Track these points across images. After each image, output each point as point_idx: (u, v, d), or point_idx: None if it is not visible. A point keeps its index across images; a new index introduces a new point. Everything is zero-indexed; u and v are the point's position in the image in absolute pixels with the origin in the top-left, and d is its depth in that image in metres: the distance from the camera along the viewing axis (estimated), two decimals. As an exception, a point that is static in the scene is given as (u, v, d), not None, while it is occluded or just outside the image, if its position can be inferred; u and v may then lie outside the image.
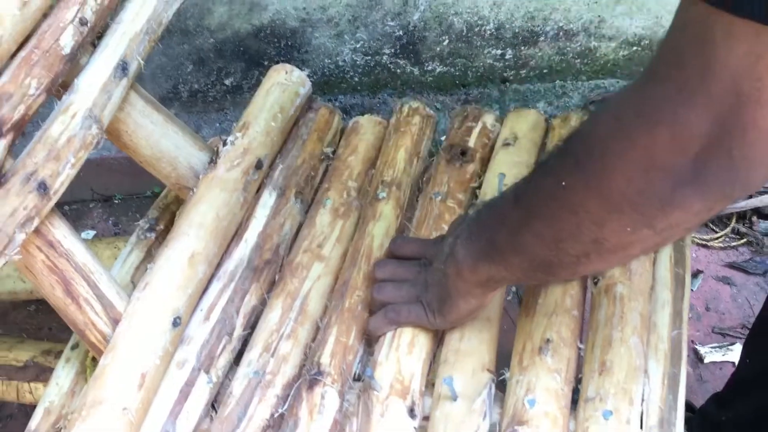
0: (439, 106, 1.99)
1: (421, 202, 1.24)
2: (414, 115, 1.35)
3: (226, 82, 1.96)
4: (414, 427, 1.01)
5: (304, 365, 1.07)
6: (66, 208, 2.00)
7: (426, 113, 1.36)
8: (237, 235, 1.19)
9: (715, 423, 1.39)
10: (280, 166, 1.27)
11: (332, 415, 1.01)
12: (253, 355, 1.08)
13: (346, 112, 1.94)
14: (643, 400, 0.98)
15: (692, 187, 0.65)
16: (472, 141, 1.30)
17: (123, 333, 1.02)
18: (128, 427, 0.96)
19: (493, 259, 0.91)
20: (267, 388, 1.04)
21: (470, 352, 1.05)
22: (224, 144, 1.23)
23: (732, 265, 1.89)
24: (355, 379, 1.07)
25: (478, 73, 1.97)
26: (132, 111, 1.14)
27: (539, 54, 1.93)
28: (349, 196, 1.26)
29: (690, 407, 1.43)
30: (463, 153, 1.28)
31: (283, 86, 1.35)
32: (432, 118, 1.37)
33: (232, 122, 1.75)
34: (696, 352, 1.75)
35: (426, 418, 1.02)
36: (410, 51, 1.93)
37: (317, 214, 1.23)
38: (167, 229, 1.20)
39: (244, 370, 1.07)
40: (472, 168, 1.27)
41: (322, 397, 1.02)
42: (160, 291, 1.07)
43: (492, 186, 1.22)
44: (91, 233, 1.96)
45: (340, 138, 1.37)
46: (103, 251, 1.37)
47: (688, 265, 1.11)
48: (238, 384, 1.05)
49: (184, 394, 1.03)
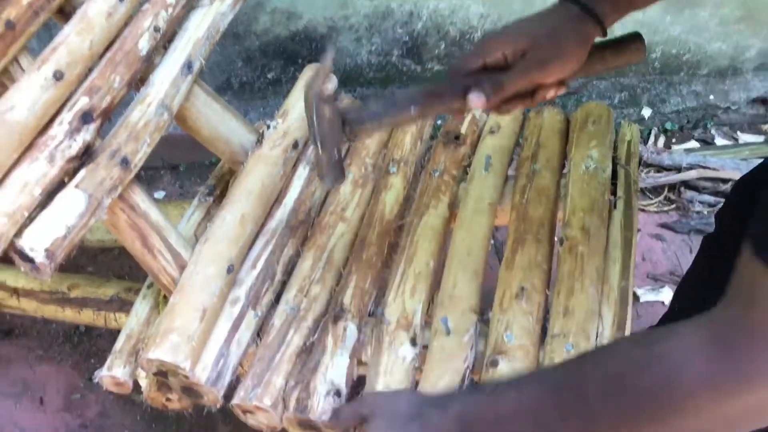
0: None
1: (423, 177, 1.23)
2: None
3: (269, 76, 1.93)
4: (415, 354, 1.00)
5: (330, 304, 1.06)
6: (142, 173, 1.97)
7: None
8: (277, 200, 1.16)
9: None
10: (312, 146, 1.24)
11: (352, 344, 1.01)
12: (290, 295, 1.07)
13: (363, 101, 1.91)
14: (597, 336, 0.97)
15: None
16: (464, 128, 1.28)
17: (188, 277, 1.01)
18: (192, 351, 0.95)
19: None
20: (301, 322, 1.03)
21: (461, 297, 1.04)
22: (268, 128, 1.20)
23: (663, 225, 1.87)
24: (370, 315, 1.06)
25: (468, 72, 1.93)
26: (195, 101, 1.11)
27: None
28: (366, 171, 1.23)
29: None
30: (457, 138, 1.26)
31: (314, 81, 1.31)
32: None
33: (273, 108, 1.73)
34: (634, 294, 1.74)
35: (425, 347, 1.01)
36: (414, 53, 1.89)
37: (341, 184, 1.21)
38: (222, 195, 1.18)
39: (283, 307, 1.06)
40: (463, 150, 1.25)
41: (344, 329, 1.01)
42: (218, 244, 1.05)
43: (480, 163, 1.20)
44: (162, 194, 1.94)
45: (359, 124, 1.33)
46: (172, 211, 1.35)
47: (635, 229, 1.09)
48: (279, 318, 1.04)
49: (236, 326, 1.01)
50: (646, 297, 1.73)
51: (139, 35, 0.99)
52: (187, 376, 0.94)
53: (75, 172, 0.91)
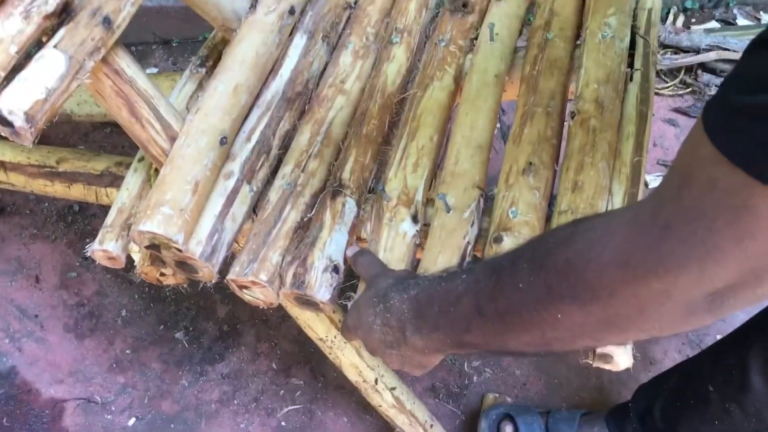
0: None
1: (428, 47, 1.17)
2: (424, -29, 1.25)
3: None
4: (416, 231, 0.98)
5: (328, 179, 1.03)
6: (132, 49, 1.91)
7: (434, -30, 1.26)
8: (273, 70, 1.12)
9: None
10: (310, 13, 1.18)
11: (351, 220, 0.99)
12: (286, 170, 1.04)
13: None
14: (606, 213, 0.94)
15: (707, 314, 0.54)
16: (472, -5, 1.20)
17: (179, 148, 0.97)
18: (185, 224, 0.93)
19: (461, 347, 0.73)
20: (298, 197, 1.01)
21: (462, 174, 1.01)
22: (262, -9, 1.13)
23: (677, 110, 1.82)
24: (370, 192, 1.04)
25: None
26: (183, -41, 1.04)
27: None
28: (367, 41, 1.17)
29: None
30: (465, 5, 1.19)
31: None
32: (439, -25, 1.27)
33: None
34: (643, 180, 1.71)
35: (427, 225, 1.00)
36: None
37: (341, 55, 1.16)
38: (215, 66, 1.12)
39: (279, 182, 1.03)
40: (471, 19, 1.18)
41: (343, 205, 0.99)
42: (210, 115, 1.01)
43: (485, 34, 1.14)
44: (154, 70, 1.88)
45: (360, -10, 1.26)
46: (163, 82, 1.31)
47: (651, 104, 1.04)
48: (274, 193, 1.02)
49: (230, 200, 0.99)
50: (655, 183, 1.71)
51: None
52: (180, 250, 0.93)
53: (54, 31, 0.86)
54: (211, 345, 1.50)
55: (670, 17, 1.99)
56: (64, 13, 0.86)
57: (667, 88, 1.84)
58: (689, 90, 1.84)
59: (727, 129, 0.47)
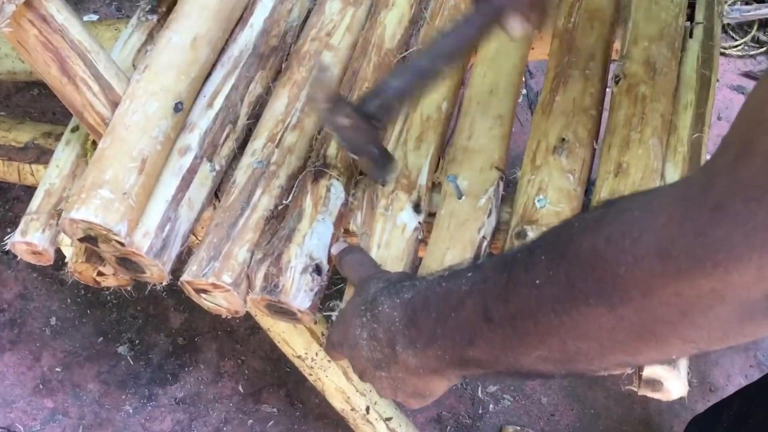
0: None
1: (437, -9, 1.17)
2: None
3: None
4: (419, 222, 0.99)
5: (310, 157, 1.03)
6: (68, -9, 1.91)
7: None
8: (242, 19, 1.12)
9: None
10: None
11: (337, 208, 0.99)
12: (257, 144, 1.04)
13: None
14: (657, 203, 0.95)
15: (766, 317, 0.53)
16: (493, -73, 1.20)
17: (122, 116, 0.97)
18: (129, 211, 0.92)
19: (463, 365, 0.72)
20: (271, 179, 1.01)
21: (478, 150, 1.02)
22: None
23: (748, 74, 1.83)
24: (361, 173, 1.04)
25: None
26: None
27: None
28: (361, -17, 1.18)
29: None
30: (483, -60, 1.19)
31: None
32: None
33: None
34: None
35: (432, 215, 1.00)
36: None
37: (327, 0, 1.16)
38: (169, 12, 1.12)
39: (248, 159, 1.03)
40: (492, -44, 1.18)
41: (328, 189, 0.99)
42: (162, 74, 1.00)
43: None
44: (94, 17, 1.87)
45: None
46: (103, 33, 1.31)
47: (716, 67, 1.06)
48: (242, 173, 1.02)
49: (186, 182, 0.99)
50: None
51: None
52: (122, 243, 0.93)
53: (-37, -34, 0.85)
54: (162, 362, 1.50)
55: (741, -42, 1.99)
56: (-23, -56, 0.86)
57: (736, 47, 1.85)
58: (763, 50, 1.84)
59: None
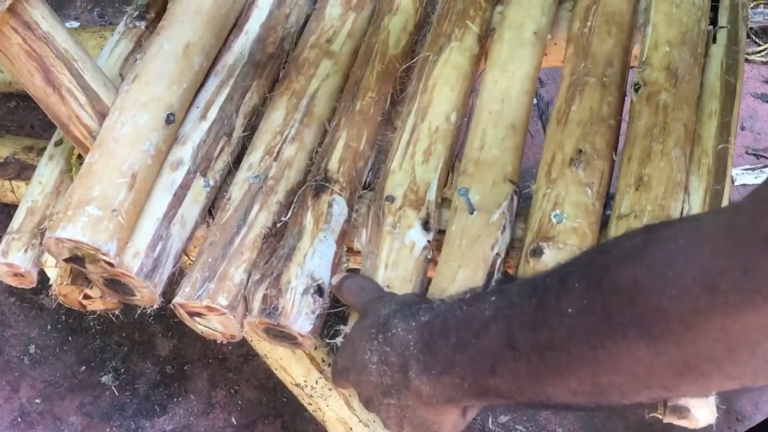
0: None
1: (444, -6, 1.19)
2: None
3: None
4: (428, 240, 0.99)
5: (310, 171, 1.04)
6: (47, -4, 1.93)
7: None
8: (237, 25, 1.13)
9: None
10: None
11: (340, 225, 1.00)
12: (254, 158, 1.05)
13: None
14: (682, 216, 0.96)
15: None
16: (503, -73, 1.22)
17: (110, 128, 0.98)
18: (118, 229, 0.93)
19: (482, 395, 0.73)
20: (269, 195, 1.02)
21: (491, 163, 1.03)
22: None
23: (773, 82, 1.84)
24: (365, 188, 1.05)
25: None
26: None
27: None
28: (363, -14, 1.19)
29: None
30: (493, -60, 1.21)
31: None
32: None
33: None
34: (727, 173, 1.73)
35: (442, 232, 1.01)
36: None
37: (327, 4, 1.18)
38: (159, 18, 1.14)
39: (244, 174, 1.04)
40: (502, -43, 1.20)
41: (330, 205, 1.00)
42: (152, 83, 1.02)
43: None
44: (75, 24, 1.89)
45: None
46: (88, 41, 1.33)
47: (741, 74, 1.07)
48: (238, 189, 1.03)
49: (179, 198, 1.01)
50: (743, 179, 1.73)
51: None
52: (111, 264, 0.94)
53: (-56, -29, 0.87)
54: (150, 392, 1.50)
55: (764, -43, 2.01)
56: (-42, -53, 0.87)
57: (760, 53, 1.86)
58: (789, 56, 1.85)
59: None
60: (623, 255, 0.60)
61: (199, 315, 0.97)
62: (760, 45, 1.87)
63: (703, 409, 0.86)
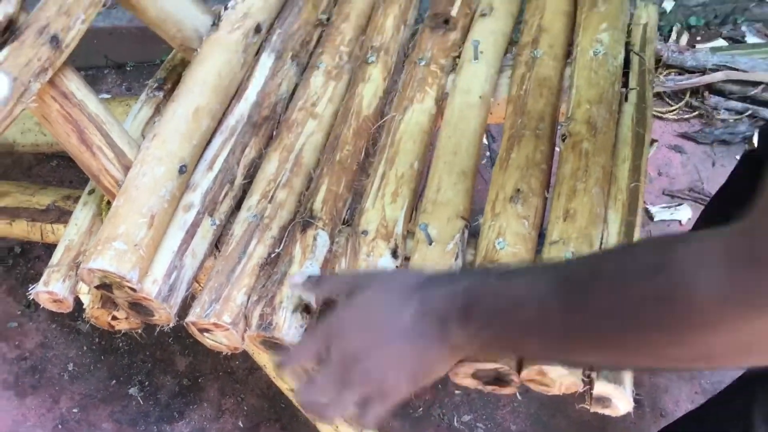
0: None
1: (407, 67, 1.21)
2: (402, -15, 1.29)
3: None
4: (396, 266, 1.00)
5: (298, 211, 1.05)
6: (82, 73, 1.94)
7: (413, -16, 1.30)
8: (238, 93, 1.15)
9: None
10: (278, 31, 1.22)
11: (323, 254, 1.01)
12: (252, 201, 1.06)
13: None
14: (601, 244, 0.97)
15: None
16: (454, 11, 1.25)
17: (133, 178, 1.00)
18: (140, 260, 0.94)
19: (513, 351, 0.76)
20: (264, 231, 1.03)
21: (445, 203, 1.04)
22: (225, 8, 1.17)
23: (684, 135, 1.87)
24: (344, 224, 1.06)
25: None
26: (139, -27, 1.08)
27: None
28: (341, 60, 1.21)
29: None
30: (446, 21, 1.23)
31: (280, -43, 1.28)
32: (418, -11, 1.31)
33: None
34: (647, 212, 1.75)
35: (408, 259, 1.02)
36: None
37: (312, 75, 1.19)
38: (174, 88, 1.15)
39: (244, 214, 1.05)
40: (453, 36, 1.22)
41: (314, 238, 1.01)
42: (168, 141, 1.03)
43: (469, 53, 1.18)
44: (107, 96, 1.91)
45: (333, 6, 1.30)
46: (116, 108, 1.34)
47: (649, 125, 1.08)
48: (239, 227, 1.04)
49: (190, 234, 1.01)
50: (661, 215, 1.75)
51: None
52: (134, 289, 0.94)
53: (-4, 51, 0.89)
54: (170, 401, 1.50)
55: (673, 35, 2.05)
56: (8, 32, 0.89)
57: (672, 111, 1.89)
58: (695, 113, 1.89)
59: None
60: (643, 270, 0.61)
61: (207, 331, 0.98)
62: (672, 105, 1.90)
63: (621, 398, 0.86)
